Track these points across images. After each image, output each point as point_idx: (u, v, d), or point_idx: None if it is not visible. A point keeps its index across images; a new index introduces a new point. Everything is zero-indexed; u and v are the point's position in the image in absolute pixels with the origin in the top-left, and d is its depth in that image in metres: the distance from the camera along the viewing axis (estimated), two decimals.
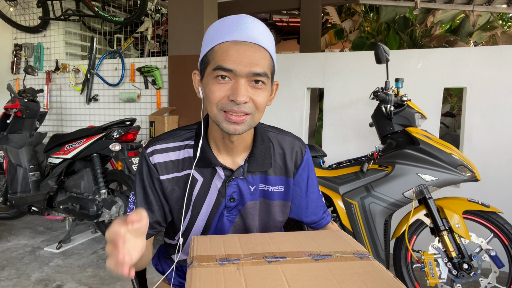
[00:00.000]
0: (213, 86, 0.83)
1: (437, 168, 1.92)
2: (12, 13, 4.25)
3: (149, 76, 3.61)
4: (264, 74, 0.82)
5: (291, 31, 9.03)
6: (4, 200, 3.21)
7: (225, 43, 0.82)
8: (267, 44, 0.84)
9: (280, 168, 1.00)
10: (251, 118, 0.85)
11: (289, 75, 3.24)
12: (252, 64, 0.80)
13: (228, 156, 0.96)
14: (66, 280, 2.49)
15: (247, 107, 0.83)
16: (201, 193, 0.96)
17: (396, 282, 0.64)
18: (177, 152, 0.95)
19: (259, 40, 0.82)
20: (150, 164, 0.94)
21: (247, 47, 0.81)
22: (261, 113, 0.87)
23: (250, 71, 0.81)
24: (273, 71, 0.88)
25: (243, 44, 0.81)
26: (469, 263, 1.91)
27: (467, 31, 5.86)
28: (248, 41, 0.81)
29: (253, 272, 0.66)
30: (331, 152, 3.10)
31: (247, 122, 0.85)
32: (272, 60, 0.86)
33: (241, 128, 0.84)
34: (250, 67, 0.80)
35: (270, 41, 0.85)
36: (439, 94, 2.80)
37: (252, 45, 0.81)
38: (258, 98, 0.84)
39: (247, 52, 0.80)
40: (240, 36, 0.81)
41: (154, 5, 4.18)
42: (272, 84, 0.90)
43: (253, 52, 0.81)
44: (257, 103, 0.84)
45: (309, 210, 1.07)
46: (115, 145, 2.79)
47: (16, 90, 3.65)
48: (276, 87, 0.96)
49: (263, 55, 0.83)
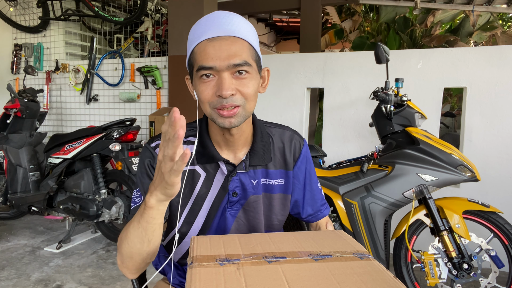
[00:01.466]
0: (201, 86, 0.85)
1: (437, 168, 1.92)
2: (12, 13, 4.25)
3: (149, 76, 3.61)
4: (245, 63, 0.83)
5: (291, 31, 9.04)
6: (4, 200, 3.21)
7: (201, 42, 0.84)
8: (243, 33, 0.84)
9: (280, 161, 1.02)
10: (243, 109, 0.86)
11: (289, 75, 3.24)
12: (230, 56, 0.82)
13: (229, 151, 0.97)
14: (66, 280, 2.49)
15: (235, 99, 0.84)
16: (204, 188, 0.97)
17: (396, 282, 0.63)
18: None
19: (234, 31, 0.83)
20: (155, 155, 0.94)
21: (222, 41, 0.82)
22: (252, 102, 0.88)
23: (230, 63, 0.82)
24: (257, 58, 0.89)
25: (218, 39, 0.82)
26: (469, 263, 1.91)
27: (467, 31, 5.86)
28: (223, 35, 0.83)
29: (253, 272, 0.66)
30: (331, 152, 3.10)
31: (239, 113, 0.86)
32: (253, 48, 0.87)
33: (236, 120, 0.86)
34: (229, 60, 0.82)
35: (247, 31, 0.86)
36: (439, 94, 2.80)
37: (227, 38, 0.83)
38: (245, 88, 0.85)
39: (223, 46, 0.82)
40: (214, 32, 0.83)
41: (154, 5, 4.18)
42: (260, 71, 0.91)
43: (229, 45, 0.82)
44: (244, 93, 0.85)
45: (306, 202, 1.08)
46: (115, 145, 2.79)
47: (16, 90, 3.65)
48: (267, 73, 0.97)
49: (241, 45, 0.84)
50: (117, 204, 2.88)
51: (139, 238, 0.80)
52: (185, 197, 0.97)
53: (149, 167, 0.94)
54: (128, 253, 0.83)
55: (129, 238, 0.81)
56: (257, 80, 0.89)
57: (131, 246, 0.81)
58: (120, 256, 0.85)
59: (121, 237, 0.84)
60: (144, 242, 0.80)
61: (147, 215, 0.77)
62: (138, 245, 0.80)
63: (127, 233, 0.82)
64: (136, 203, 0.94)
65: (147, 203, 0.75)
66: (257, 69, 0.88)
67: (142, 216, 0.78)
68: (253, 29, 0.89)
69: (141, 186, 0.94)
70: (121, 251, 0.84)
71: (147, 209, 0.76)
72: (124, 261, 0.85)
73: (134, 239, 0.80)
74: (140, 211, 0.79)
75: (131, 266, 0.85)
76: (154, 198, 0.74)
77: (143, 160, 0.96)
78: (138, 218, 0.79)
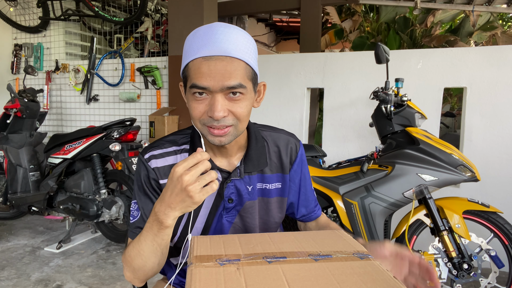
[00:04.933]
0: (192, 103, 0.84)
1: (437, 168, 1.92)
2: (12, 13, 4.25)
3: (149, 76, 3.61)
4: (239, 86, 0.81)
5: (291, 31, 9.04)
6: (4, 200, 3.21)
7: (196, 59, 0.81)
8: (240, 53, 0.81)
9: (276, 165, 1.01)
10: (235, 129, 0.85)
11: (289, 75, 3.24)
12: (224, 78, 0.79)
13: (223, 159, 0.96)
14: (66, 280, 2.49)
15: (227, 120, 0.83)
16: None
17: (396, 282, 0.63)
18: (174, 156, 0.96)
19: (230, 51, 0.80)
20: (149, 168, 0.94)
21: (217, 62, 0.79)
22: (244, 122, 0.87)
23: (224, 85, 0.79)
24: (254, 77, 0.86)
25: (214, 59, 0.79)
26: (469, 263, 1.91)
27: (467, 31, 5.86)
28: (219, 55, 0.79)
29: (253, 272, 0.66)
30: (331, 152, 3.10)
31: (230, 133, 0.85)
32: (250, 67, 0.84)
33: (226, 139, 0.85)
34: (223, 81, 0.79)
35: (245, 47, 0.82)
36: (439, 94, 2.80)
37: (223, 58, 0.79)
38: (238, 109, 0.83)
39: (217, 66, 0.79)
40: (210, 50, 0.79)
41: (154, 5, 4.18)
42: (255, 87, 0.89)
43: (225, 66, 0.79)
44: (237, 114, 0.83)
45: (300, 203, 1.09)
46: (115, 145, 2.79)
47: (16, 90, 3.65)
48: (263, 87, 0.95)
49: (236, 66, 0.80)
50: (117, 204, 2.88)
51: (154, 253, 0.84)
52: None
53: (144, 182, 0.95)
54: (141, 267, 0.87)
55: (143, 255, 0.84)
56: (251, 99, 0.87)
57: (146, 261, 0.85)
58: (130, 270, 0.88)
59: (131, 254, 0.86)
60: (158, 255, 0.85)
61: (163, 234, 0.80)
62: (153, 259, 0.85)
63: (140, 250, 0.84)
64: (135, 217, 0.95)
65: (164, 223, 0.78)
66: (252, 87, 0.86)
67: (157, 235, 0.81)
68: (252, 43, 0.85)
69: (138, 200, 0.95)
70: (134, 266, 0.87)
71: (163, 228, 0.79)
72: (137, 274, 0.89)
73: (149, 255, 0.84)
74: (153, 230, 0.81)
75: (143, 276, 0.90)
76: (171, 218, 0.77)
77: (139, 172, 0.96)
78: (151, 237, 0.82)
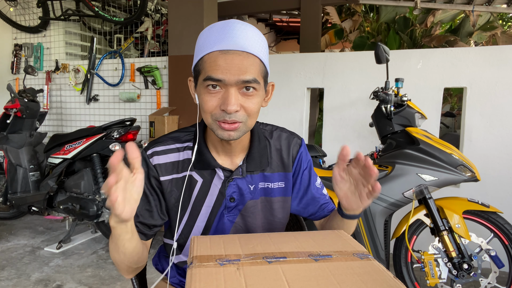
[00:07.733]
0: (205, 96, 0.85)
1: (437, 168, 1.92)
2: (12, 13, 4.25)
3: (149, 76, 3.61)
4: (254, 81, 0.83)
5: (291, 31, 9.04)
6: (4, 200, 3.21)
7: (213, 52, 0.83)
8: (256, 50, 0.84)
9: (278, 164, 1.01)
10: (244, 125, 0.87)
11: (289, 75, 3.24)
12: (240, 72, 0.81)
13: (226, 157, 0.97)
14: (66, 280, 2.49)
15: (238, 116, 0.84)
16: (201, 194, 0.97)
17: (396, 282, 0.63)
18: (176, 153, 0.97)
19: (247, 46, 0.82)
20: (150, 165, 0.95)
21: (234, 56, 0.81)
22: (254, 118, 0.88)
23: (239, 79, 0.81)
24: (266, 75, 0.89)
25: (231, 53, 0.81)
26: (469, 263, 1.91)
27: (467, 31, 5.86)
28: (236, 49, 0.82)
29: (253, 272, 0.66)
30: (331, 152, 3.10)
31: (240, 128, 0.86)
32: (263, 64, 0.87)
33: (236, 134, 0.86)
34: (239, 75, 0.81)
35: (260, 45, 0.86)
36: (439, 94, 2.80)
37: (240, 53, 0.82)
38: (250, 104, 0.85)
39: (235, 60, 0.81)
40: (228, 44, 0.82)
41: (154, 5, 4.18)
42: (266, 86, 0.91)
43: (241, 60, 0.82)
44: (248, 110, 0.85)
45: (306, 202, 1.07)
46: (115, 145, 2.79)
47: (16, 90, 3.65)
48: (272, 87, 0.97)
49: (252, 61, 0.83)
50: None
51: (115, 250, 0.85)
52: (184, 202, 0.97)
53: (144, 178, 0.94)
54: (114, 260, 0.90)
55: (110, 248, 0.88)
56: (262, 96, 0.89)
57: (113, 255, 0.88)
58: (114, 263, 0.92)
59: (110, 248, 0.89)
60: (120, 254, 0.86)
61: (113, 233, 0.81)
62: (116, 256, 0.87)
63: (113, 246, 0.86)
64: None
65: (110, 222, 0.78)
66: (263, 85, 0.88)
67: (112, 233, 0.82)
68: (265, 42, 0.88)
69: None
70: (113, 260, 0.91)
71: (111, 227, 0.79)
72: (118, 267, 0.92)
73: (112, 251, 0.87)
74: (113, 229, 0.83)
75: (121, 270, 0.93)
76: (112, 219, 0.77)
77: None
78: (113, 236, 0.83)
